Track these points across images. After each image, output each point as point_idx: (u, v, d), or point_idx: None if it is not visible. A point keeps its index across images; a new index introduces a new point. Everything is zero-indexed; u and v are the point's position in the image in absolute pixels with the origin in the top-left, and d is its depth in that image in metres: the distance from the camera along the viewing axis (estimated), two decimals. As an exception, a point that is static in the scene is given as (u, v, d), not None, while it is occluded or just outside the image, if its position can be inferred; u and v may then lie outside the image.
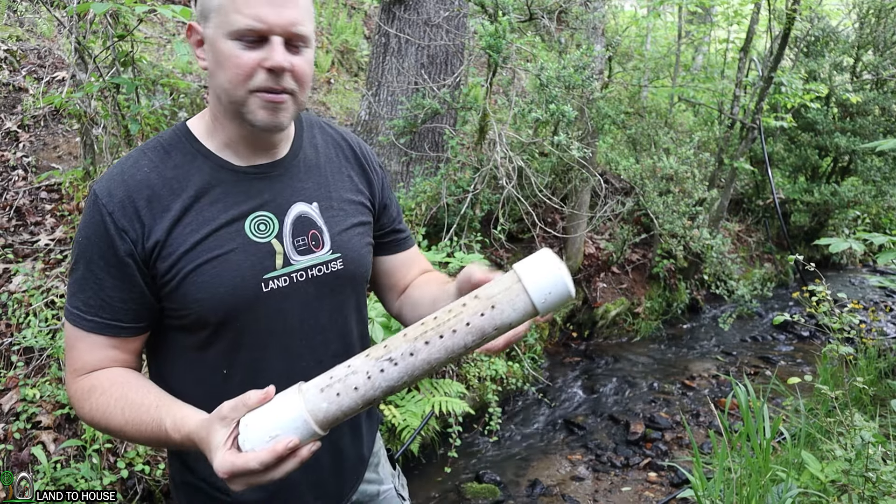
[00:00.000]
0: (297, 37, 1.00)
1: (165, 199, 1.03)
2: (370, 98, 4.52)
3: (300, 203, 1.13)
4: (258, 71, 0.99)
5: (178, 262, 1.03)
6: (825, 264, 7.74)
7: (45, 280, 3.07)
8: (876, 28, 6.85)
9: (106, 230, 1.01)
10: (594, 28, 4.95)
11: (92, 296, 1.03)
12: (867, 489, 1.95)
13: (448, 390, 3.61)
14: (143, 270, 1.03)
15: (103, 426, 1.03)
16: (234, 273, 1.05)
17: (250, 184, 1.09)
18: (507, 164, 3.99)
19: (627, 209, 5.16)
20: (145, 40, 4.32)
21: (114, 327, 1.05)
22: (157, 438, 0.98)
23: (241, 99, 1.01)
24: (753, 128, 5.74)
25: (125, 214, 1.01)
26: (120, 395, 1.02)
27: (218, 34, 1.00)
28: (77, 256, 1.04)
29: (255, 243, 1.07)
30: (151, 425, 0.98)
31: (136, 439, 1.01)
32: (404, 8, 4.33)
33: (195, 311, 1.04)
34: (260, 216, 1.08)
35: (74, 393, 1.06)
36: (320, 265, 1.13)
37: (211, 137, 1.09)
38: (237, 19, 0.97)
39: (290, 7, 0.98)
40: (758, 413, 2.43)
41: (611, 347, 5.39)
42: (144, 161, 1.05)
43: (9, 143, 3.83)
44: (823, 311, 2.91)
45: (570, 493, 3.43)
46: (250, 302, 1.06)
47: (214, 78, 1.03)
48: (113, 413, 1.01)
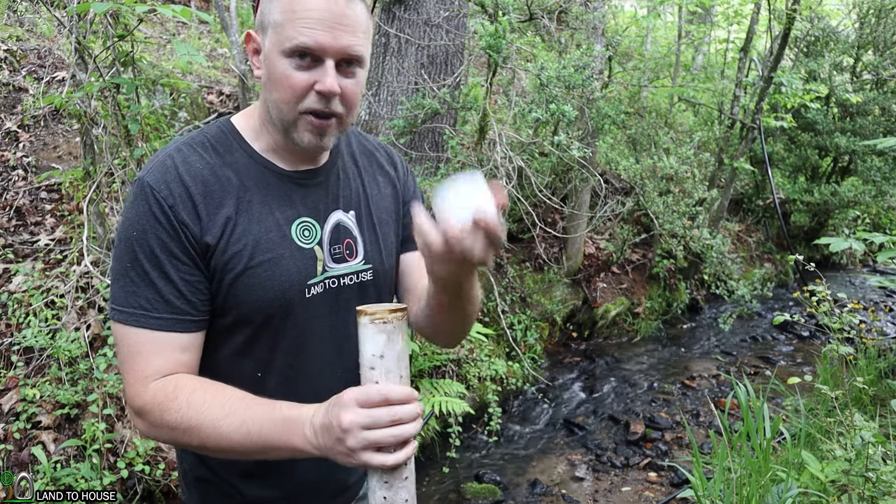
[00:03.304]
0: (351, 59, 1.00)
1: (218, 194, 1.03)
2: (370, 98, 4.52)
3: (338, 211, 1.14)
4: (309, 93, 1.00)
5: (231, 262, 1.02)
6: (825, 264, 7.74)
7: (45, 280, 3.07)
8: (876, 28, 6.85)
9: (168, 222, 0.99)
10: (594, 28, 4.96)
11: (157, 292, 0.99)
12: (867, 489, 1.95)
13: (448, 390, 3.61)
14: (202, 263, 1.02)
15: (192, 424, 0.95)
16: (284, 277, 1.05)
17: (295, 189, 1.10)
18: (507, 164, 3.99)
19: (627, 209, 5.16)
20: (145, 40, 4.32)
21: (184, 322, 1.01)
22: (265, 422, 0.92)
23: (291, 119, 1.02)
24: (753, 128, 5.74)
25: (185, 208, 1.00)
26: (217, 391, 0.98)
27: (273, 50, 1.00)
28: (133, 254, 0.99)
29: (302, 249, 1.08)
30: (261, 409, 0.94)
31: (231, 435, 0.94)
32: (404, 8, 4.33)
33: (241, 311, 1.05)
34: (304, 222, 1.09)
35: (153, 398, 0.98)
36: (352, 274, 1.15)
37: (257, 139, 1.10)
38: (294, 39, 0.97)
39: (346, 31, 0.98)
40: (758, 413, 2.43)
41: (611, 347, 5.39)
42: (195, 157, 1.04)
43: (9, 143, 3.83)
44: (823, 311, 2.91)
45: (570, 493, 3.43)
46: (294, 306, 1.07)
47: (267, 91, 1.04)
48: (210, 407, 0.95)
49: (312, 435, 0.89)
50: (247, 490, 1.16)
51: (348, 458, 0.86)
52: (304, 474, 1.17)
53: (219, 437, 0.95)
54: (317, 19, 0.96)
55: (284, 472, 1.15)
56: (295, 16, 0.97)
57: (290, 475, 1.16)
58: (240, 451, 0.95)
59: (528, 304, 4.99)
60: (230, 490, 1.17)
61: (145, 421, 1.00)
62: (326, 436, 0.87)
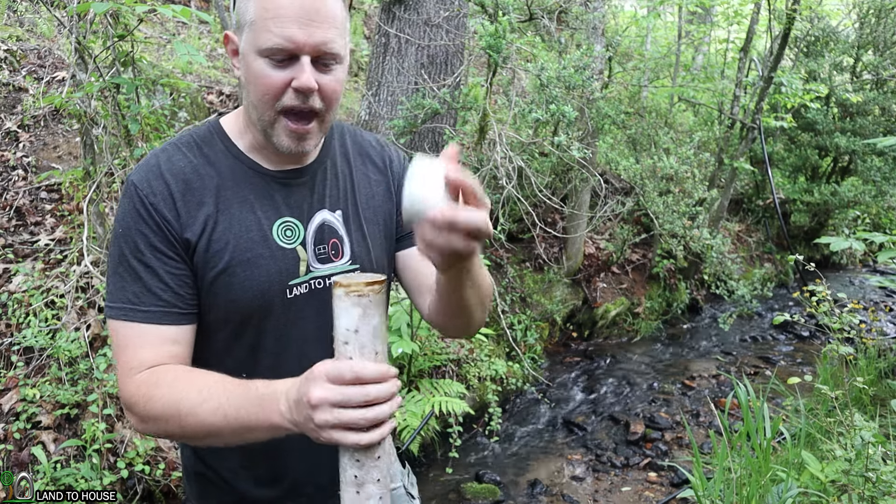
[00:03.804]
0: (327, 55, 0.99)
1: (198, 192, 1.04)
2: (370, 98, 4.52)
3: (324, 211, 1.13)
4: (286, 90, 0.99)
5: (211, 260, 1.03)
6: (825, 264, 7.74)
7: (45, 280, 3.07)
8: (876, 28, 6.85)
9: (151, 218, 1.00)
10: (594, 28, 4.96)
11: (143, 286, 1.01)
12: (867, 489, 1.95)
13: (448, 390, 3.61)
14: (187, 258, 1.03)
15: (172, 412, 0.94)
16: (263, 278, 1.05)
17: (278, 188, 1.09)
18: (507, 164, 3.99)
19: (627, 209, 5.16)
20: (145, 40, 4.32)
21: (171, 314, 1.02)
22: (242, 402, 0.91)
23: (270, 119, 1.02)
24: (753, 128, 5.74)
25: (166, 205, 1.01)
26: (195, 377, 0.98)
27: (249, 49, 1.00)
28: (120, 250, 1.02)
29: (283, 249, 1.08)
30: (238, 389, 0.92)
31: (209, 419, 0.92)
32: (404, 8, 4.33)
33: (220, 310, 1.05)
34: (286, 222, 1.09)
35: (137, 389, 0.98)
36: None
37: (242, 139, 1.10)
38: (268, 38, 0.96)
39: (321, 26, 0.97)
40: (758, 413, 2.43)
41: (611, 347, 5.39)
42: (178, 155, 1.06)
43: (9, 143, 3.83)
44: (823, 311, 2.91)
45: (570, 493, 3.43)
46: (274, 306, 1.07)
47: (246, 91, 1.04)
48: (187, 394, 0.94)
49: (287, 410, 0.86)
50: (239, 485, 1.17)
51: (317, 435, 0.82)
52: (295, 471, 1.17)
53: (198, 423, 0.93)
54: (290, 17, 0.96)
55: (275, 468, 1.16)
56: (267, 14, 0.96)
57: (282, 471, 1.16)
58: (220, 436, 0.93)
59: (528, 304, 4.99)
60: (223, 485, 1.17)
61: (135, 414, 0.99)
62: (298, 410, 0.84)
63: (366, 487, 0.83)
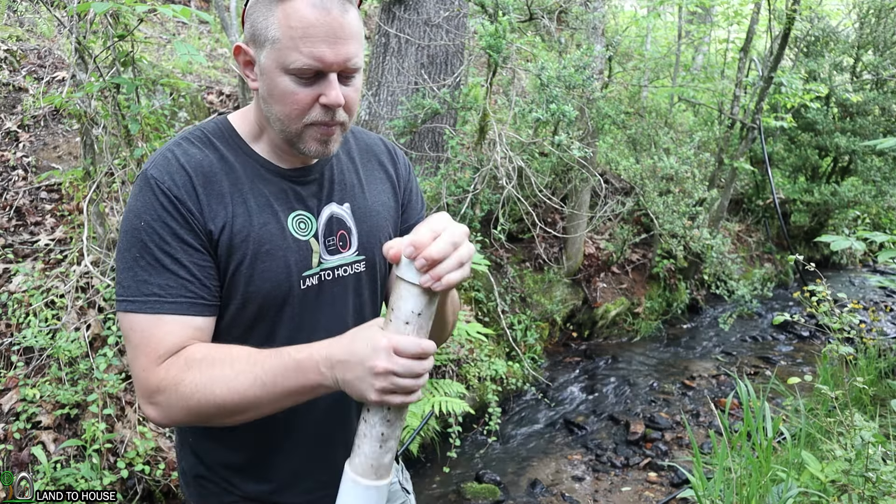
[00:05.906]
0: (351, 70, 1.02)
1: (218, 185, 1.06)
2: (370, 98, 4.52)
3: (332, 204, 1.16)
4: (314, 106, 1.02)
5: (233, 253, 1.05)
6: (825, 264, 7.75)
7: (45, 280, 3.07)
8: (876, 28, 6.85)
9: (177, 210, 1.01)
10: (594, 28, 4.96)
11: (169, 278, 1.01)
12: (867, 489, 1.95)
13: (448, 390, 3.61)
14: (210, 250, 1.05)
15: (208, 390, 0.96)
16: (281, 269, 1.08)
17: (289, 184, 1.12)
18: (507, 164, 3.99)
19: (627, 209, 5.16)
20: (145, 40, 4.32)
21: (198, 305, 1.03)
22: (279, 369, 0.95)
23: (296, 131, 1.04)
24: (753, 128, 5.74)
25: (190, 198, 1.02)
26: (224, 352, 1.00)
27: (273, 66, 1.00)
28: (142, 243, 1.01)
29: (298, 241, 1.11)
30: (270, 359, 0.96)
31: (248, 391, 0.95)
32: (404, 8, 4.33)
33: (238, 302, 1.07)
34: (300, 215, 1.12)
35: (167, 373, 0.98)
36: (346, 266, 1.17)
37: (254, 139, 1.13)
38: (297, 58, 0.98)
39: (347, 43, 1.00)
40: (758, 413, 2.43)
41: (611, 347, 5.39)
42: (194, 149, 1.07)
43: (9, 143, 3.83)
44: (823, 311, 2.91)
45: (570, 492, 3.43)
46: (289, 297, 1.10)
47: (268, 105, 1.05)
48: (221, 370, 0.97)
49: (328, 369, 0.93)
50: (241, 485, 1.18)
51: (367, 395, 0.91)
52: (296, 466, 1.18)
53: (236, 397, 0.96)
54: (319, 36, 0.97)
55: (276, 463, 1.17)
56: (295, 32, 0.97)
57: (282, 466, 1.18)
58: (259, 407, 0.97)
59: (528, 304, 4.99)
60: (226, 485, 1.19)
61: (160, 405, 0.99)
62: (345, 369, 0.92)
63: (388, 443, 0.97)
